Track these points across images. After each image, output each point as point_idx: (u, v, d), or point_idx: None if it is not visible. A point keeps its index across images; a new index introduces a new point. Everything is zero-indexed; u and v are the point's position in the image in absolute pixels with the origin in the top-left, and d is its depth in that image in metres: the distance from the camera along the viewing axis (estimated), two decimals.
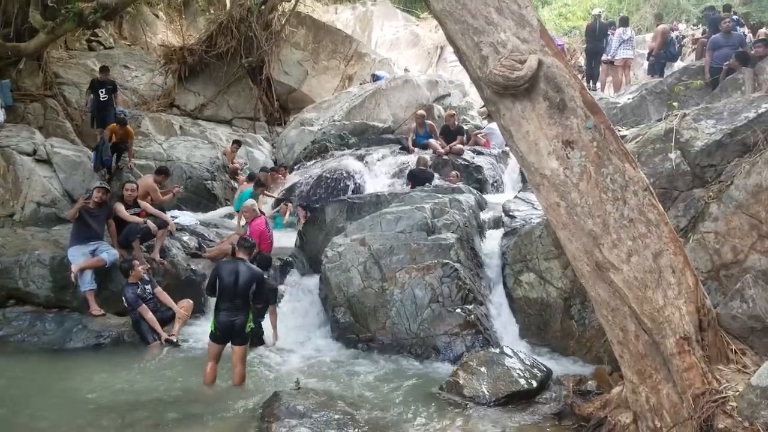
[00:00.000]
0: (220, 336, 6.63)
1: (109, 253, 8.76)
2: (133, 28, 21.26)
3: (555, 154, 4.62)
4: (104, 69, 13.78)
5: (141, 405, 6.23)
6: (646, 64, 16.53)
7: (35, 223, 11.12)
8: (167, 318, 8.37)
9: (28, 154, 12.13)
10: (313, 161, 14.21)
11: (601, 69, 16.45)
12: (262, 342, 8.08)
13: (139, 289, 8.30)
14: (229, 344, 6.69)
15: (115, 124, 12.36)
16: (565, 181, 4.62)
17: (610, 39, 15.95)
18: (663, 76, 14.35)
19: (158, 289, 8.58)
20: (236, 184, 14.18)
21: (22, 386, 6.65)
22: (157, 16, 22.08)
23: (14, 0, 14.15)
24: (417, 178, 11.77)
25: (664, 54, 15.09)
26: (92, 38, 19.45)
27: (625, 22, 16.11)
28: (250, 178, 12.69)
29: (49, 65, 16.09)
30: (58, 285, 8.79)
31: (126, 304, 8.28)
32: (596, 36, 16.03)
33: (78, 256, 8.59)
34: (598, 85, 16.46)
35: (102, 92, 13.20)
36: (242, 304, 6.57)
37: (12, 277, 8.79)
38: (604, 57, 16.05)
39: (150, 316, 8.15)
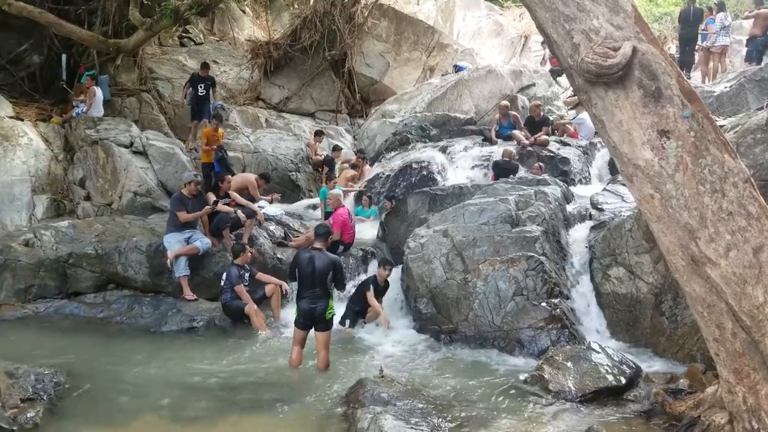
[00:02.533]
0: (302, 322, 6.83)
1: (202, 241, 9.14)
2: (222, 24, 21.92)
3: (649, 144, 4.48)
4: (205, 66, 14.31)
5: (231, 386, 6.49)
6: (743, 51, 15.66)
7: (132, 212, 11.69)
8: (258, 299, 8.67)
9: (126, 146, 12.75)
10: (395, 153, 14.27)
11: (697, 56, 15.71)
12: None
13: (242, 271, 8.65)
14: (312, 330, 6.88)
15: (208, 128, 12.56)
16: (660, 172, 4.47)
17: (707, 24, 15.21)
18: (761, 64, 13.59)
19: (258, 274, 8.99)
20: (321, 175, 14.49)
21: (123, 366, 7.02)
22: (244, 12, 22.67)
23: None
24: (501, 169, 11.65)
25: (763, 40, 14.25)
26: (183, 34, 20.18)
27: (722, 7, 15.31)
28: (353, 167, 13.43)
29: (144, 61, 16.86)
30: (154, 270, 9.25)
31: (225, 282, 8.61)
32: (690, 22, 15.32)
33: (173, 243, 9.01)
34: (696, 73, 15.72)
35: (201, 87, 13.75)
36: (322, 292, 6.72)
37: (112, 263, 9.31)
38: (706, 43, 15.28)
39: (246, 295, 8.51)
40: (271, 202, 11.57)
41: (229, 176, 10.33)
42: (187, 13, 11.97)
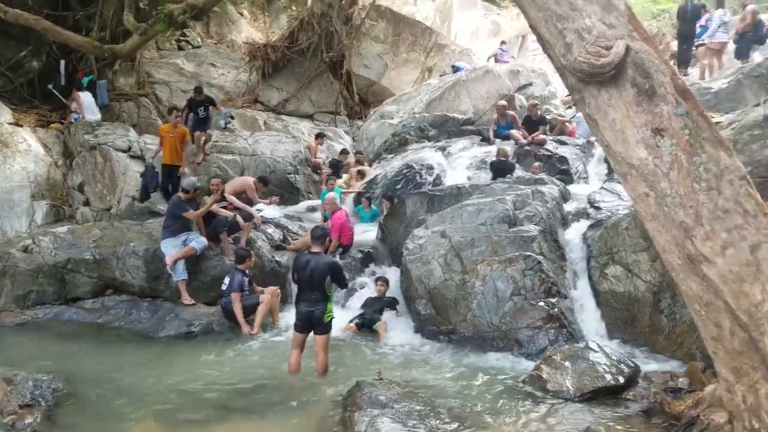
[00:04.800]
0: (301, 326, 6.80)
1: (198, 240, 9.14)
2: (219, 27, 21.93)
3: (644, 143, 4.44)
4: (198, 90, 13.88)
5: (229, 391, 6.47)
6: (732, 47, 15.68)
7: (130, 217, 11.70)
8: (253, 305, 8.57)
9: (124, 151, 12.78)
10: (394, 154, 14.27)
11: (697, 53, 15.68)
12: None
13: (244, 277, 8.62)
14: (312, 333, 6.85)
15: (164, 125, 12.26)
16: (655, 170, 4.43)
17: (706, 21, 15.19)
18: (748, 60, 13.59)
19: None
20: (318, 178, 14.49)
21: (120, 371, 7.01)
22: (241, 15, 22.69)
23: (110, 4, 14.90)
24: (497, 169, 11.64)
25: (751, 36, 14.27)
26: (181, 38, 20.20)
27: (722, 3, 15.31)
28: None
29: (142, 65, 16.90)
30: (152, 275, 9.24)
31: (226, 287, 8.57)
32: (688, 18, 15.30)
33: (170, 249, 9.00)
34: (694, 69, 15.69)
35: (200, 110, 13.41)
36: (320, 296, 6.67)
37: (110, 268, 9.31)
38: (706, 40, 15.27)
39: (239, 307, 8.41)
40: (269, 204, 11.57)
41: (218, 179, 10.26)
42: (181, 17, 11.96)
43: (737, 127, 7.05)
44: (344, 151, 15.23)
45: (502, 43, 20.61)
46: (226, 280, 8.64)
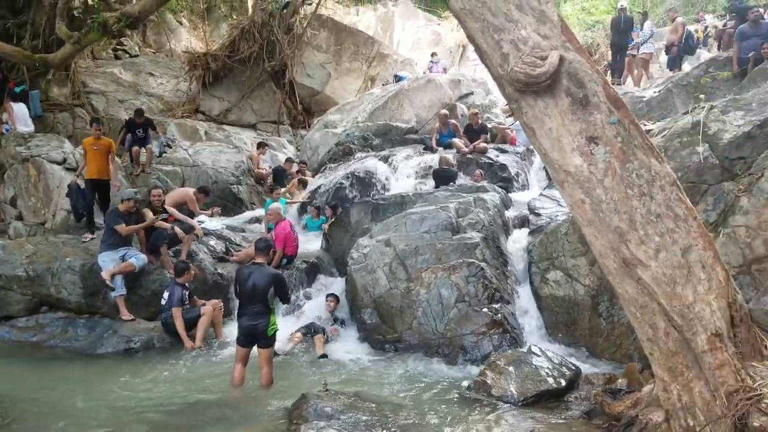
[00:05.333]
0: (243, 339, 6.69)
1: (138, 257, 8.89)
2: (158, 35, 21.55)
3: (579, 151, 4.56)
4: (139, 112, 13.45)
5: (172, 408, 6.30)
6: (663, 57, 16.42)
7: (66, 231, 11.29)
8: (194, 318, 8.37)
9: (58, 163, 12.34)
10: (338, 163, 14.25)
11: (626, 63, 16.28)
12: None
13: (184, 291, 8.43)
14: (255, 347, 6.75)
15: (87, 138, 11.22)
16: (590, 177, 4.56)
17: (637, 32, 15.83)
18: (680, 69, 14.19)
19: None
20: (262, 188, 14.34)
21: (57, 392, 6.75)
22: (180, 23, 22.34)
23: (42, 12, 14.44)
24: (440, 177, 11.75)
25: (683, 47, 15.01)
26: (118, 47, 19.77)
27: (646, 16, 16.11)
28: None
29: (77, 75, 16.42)
30: (89, 291, 8.95)
31: (166, 301, 8.38)
32: (621, 29, 15.87)
33: (108, 262, 8.74)
34: (628, 80, 16.29)
35: (139, 131, 13.03)
36: (262, 309, 6.59)
37: (44, 284, 8.97)
38: (635, 51, 15.90)
39: (180, 322, 8.22)
40: (211, 215, 11.37)
41: (159, 189, 10.02)
42: (116, 26, 11.66)
43: (667, 135, 7.29)
44: (289, 160, 15.13)
45: (433, 54, 20.90)
46: (166, 294, 8.44)
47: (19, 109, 13.42)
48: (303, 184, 13.69)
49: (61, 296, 8.94)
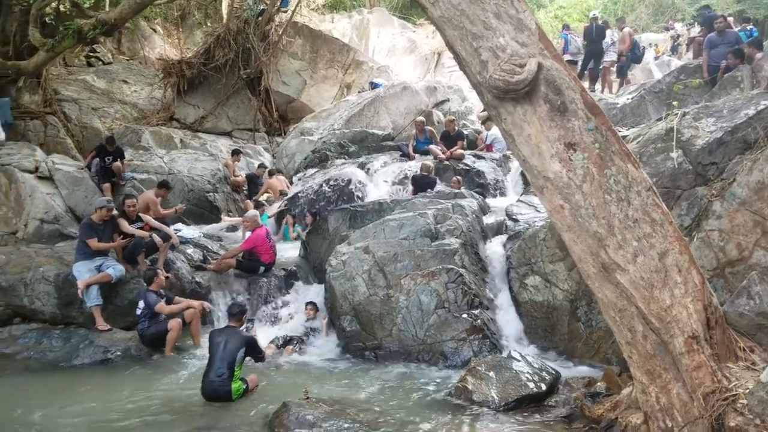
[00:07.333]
0: (207, 396, 6.57)
1: (115, 268, 8.77)
2: (131, 43, 21.34)
3: (557, 157, 4.62)
4: (111, 140, 13.11)
5: (150, 419, 6.21)
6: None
7: (39, 240, 11.11)
8: (161, 332, 8.23)
9: (30, 172, 12.15)
10: (314, 170, 14.23)
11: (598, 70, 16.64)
12: None
13: (158, 297, 8.35)
14: None
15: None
16: (569, 183, 4.61)
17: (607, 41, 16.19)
18: (627, 77, 15.41)
19: (176, 299, 8.70)
20: (239, 196, 14.24)
21: (31, 404, 6.62)
22: (154, 31, 22.16)
23: (13, 18, 14.22)
24: (419, 183, 11.78)
25: (630, 56, 15.66)
26: (91, 54, 19.54)
27: (607, 25, 16.75)
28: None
29: (49, 82, 16.17)
30: (64, 301, 8.81)
31: (143, 309, 8.28)
32: (594, 38, 16.14)
33: (84, 272, 8.61)
34: (597, 86, 16.57)
35: (108, 159, 12.68)
36: (228, 374, 6.51)
37: (17, 295, 8.80)
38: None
39: (168, 308, 8.29)
40: (176, 213, 11.10)
41: (133, 199, 9.89)
42: (91, 33, 11.53)
43: (642, 141, 7.41)
44: (262, 166, 15.06)
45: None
46: (141, 303, 8.34)
47: None
48: (278, 191, 13.64)
49: (34, 307, 8.78)
